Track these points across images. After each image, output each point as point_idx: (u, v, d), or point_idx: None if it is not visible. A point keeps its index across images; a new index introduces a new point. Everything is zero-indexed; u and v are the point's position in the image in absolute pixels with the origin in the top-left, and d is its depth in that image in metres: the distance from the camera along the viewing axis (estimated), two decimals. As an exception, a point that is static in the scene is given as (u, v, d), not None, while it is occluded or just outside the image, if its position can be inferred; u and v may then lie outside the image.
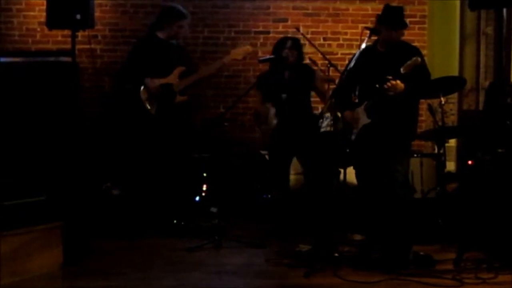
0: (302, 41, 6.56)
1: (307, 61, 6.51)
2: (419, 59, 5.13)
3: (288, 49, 6.29)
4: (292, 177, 6.70)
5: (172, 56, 6.47)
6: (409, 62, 5.12)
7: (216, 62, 6.67)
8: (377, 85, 5.21)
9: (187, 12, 6.60)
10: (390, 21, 5.34)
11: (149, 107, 6.36)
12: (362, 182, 5.57)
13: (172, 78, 6.41)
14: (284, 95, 6.18)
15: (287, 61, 6.29)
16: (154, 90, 6.32)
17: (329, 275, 5.00)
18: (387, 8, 5.46)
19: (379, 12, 5.48)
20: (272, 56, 6.32)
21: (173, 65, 6.44)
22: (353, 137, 5.54)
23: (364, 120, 5.43)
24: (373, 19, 7.77)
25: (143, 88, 6.34)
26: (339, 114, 6.33)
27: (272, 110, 6.32)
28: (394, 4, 7.79)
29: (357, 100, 5.50)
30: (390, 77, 5.15)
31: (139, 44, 6.59)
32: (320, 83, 6.35)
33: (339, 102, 5.67)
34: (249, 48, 6.58)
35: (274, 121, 6.30)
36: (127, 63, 6.56)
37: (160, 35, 6.48)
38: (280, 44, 6.36)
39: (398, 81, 5.15)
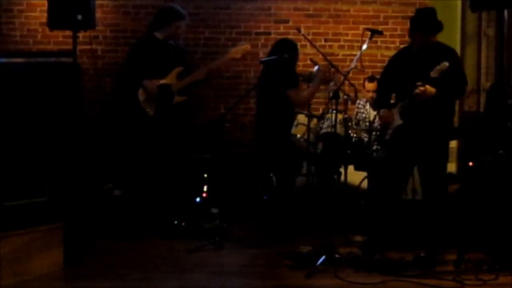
0: (303, 42, 6.57)
1: (307, 62, 6.52)
2: (447, 64, 5.15)
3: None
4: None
5: (170, 56, 6.47)
6: (437, 67, 5.16)
7: (214, 61, 6.68)
8: (410, 88, 5.23)
9: (185, 12, 6.59)
10: (421, 26, 5.36)
11: (147, 109, 6.35)
12: (383, 183, 5.58)
13: (171, 79, 6.41)
14: None
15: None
16: (152, 91, 6.32)
17: (330, 276, 5.01)
18: (418, 12, 5.50)
19: (380, 13, 5.51)
20: (273, 57, 6.31)
21: (171, 65, 6.44)
22: (387, 137, 5.58)
23: (398, 121, 5.46)
24: (374, 20, 7.88)
25: (141, 90, 6.34)
26: (340, 116, 6.36)
27: None
28: (396, 5, 7.91)
29: (393, 101, 5.56)
30: (419, 83, 5.18)
31: (137, 45, 6.59)
32: None
33: (378, 102, 5.75)
34: (247, 46, 6.58)
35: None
36: (127, 64, 6.56)
37: (158, 35, 6.47)
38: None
39: (428, 86, 5.19)
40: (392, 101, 5.64)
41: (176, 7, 6.59)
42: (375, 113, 6.84)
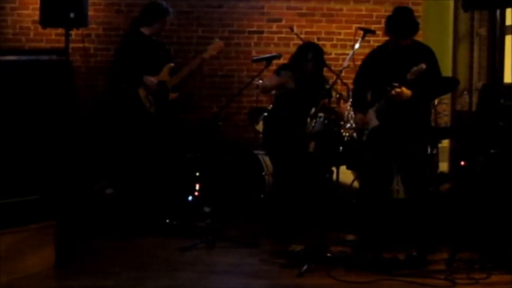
0: (296, 41, 6.57)
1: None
2: (424, 66, 5.11)
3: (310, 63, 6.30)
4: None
5: (159, 53, 6.46)
6: (414, 69, 5.10)
7: (195, 59, 6.65)
8: (386, 88, 5.21)
9: (171, 9, 6.57)
10: (393, 29, 5.32)
11: (148, 106, 6.34)
12: (370, 183, 5.58)
13: (164, 75, 6.40)
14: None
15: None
16: (153, 88, 6.31)
17: (322, 275, 5.01)
18: (395, 12, 5.41)
19: (373, 13, 5.50)
20: (266, 56, 6.31)
21: (161, 62, 6.42)
22: (364, 138, 5.57)
23: (374, 122, 5.44)
24: (367, 19, 7.89)
25: (142, 87, 6.32)
26: (332, 116, 6.36)
27: None
28: (388, 4, 7.90)
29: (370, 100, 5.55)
30: (396, 84, 5.15)
31: (126, 41, 6.56)
32: None
33: (353, 102, 5.73)
34: (221, 43, 6.59)
35: None
36: (118, 61, 6.54)
37: (145, 31, 6.45)
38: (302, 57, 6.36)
39: (404, 88, 5.16)
40: (368, 100, 5.61)
41: (162, 3, 6.55)
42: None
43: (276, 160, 6.52)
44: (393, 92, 5.14)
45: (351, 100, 5.96)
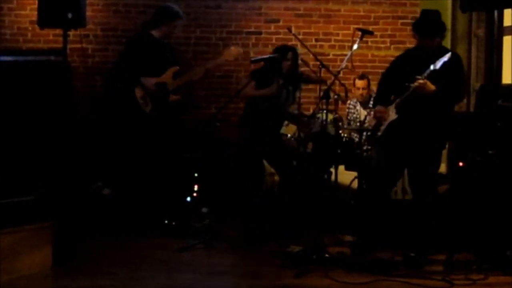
0: (294, 42, 6.58)
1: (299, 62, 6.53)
2: (449, 54, 5.14)
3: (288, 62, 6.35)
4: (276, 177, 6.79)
5: (165, 55, 6.49)
6: (439, 59, 5.13)
7: (210, 62, 6.70)
8: (407, 84, 5.23)
9: (182, 12, 6.60)
10: (418, 29, 5.36)
11: (144, 106, 6.35)
12: (373, 184, 5.59)
13: (166, 77, 6.41)
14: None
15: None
16: (150, 89, 6.31)
17: (321, 276, 5.01)
18: (422, 14, 5.49)
19: (371, 14, 5.50)
20: (264, 57, 6.32)
21: (166, 64, 6.45)
22: (379, 133, 5.57)
23: (392, 116, 5.45)
24: (365, 20, 7.90)
25: (139, 87, 6.33)
26: (330, 116, 6.37)
27: None
28: (386, 6, 7.92)
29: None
30: (420, 77, 5.16)
31: (134, 42, 6.58)
32: None
33: (376, 98, 5.75)
34: (240, 50, 6.60)
35: None
36: (122, 61, 6.57)
37: (155, 33, 6.48)
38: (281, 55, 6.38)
39: (428, 82, 5.16)
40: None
41: (174, 7, 6.61)
42: (365, 113, 6.85)
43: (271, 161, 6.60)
44: (417, 83, 5.15)
45: (374, 98, 6.00)
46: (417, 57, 5.38)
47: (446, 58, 5.12)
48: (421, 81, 5.15)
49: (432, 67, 5.14)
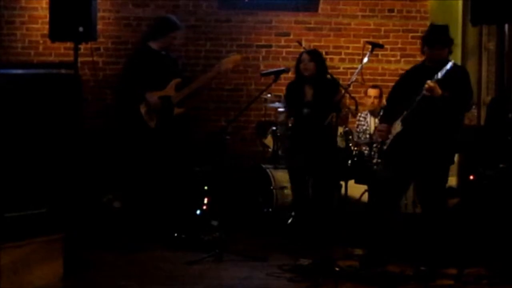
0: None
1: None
2: (451, 62, 5.18)
3: (304, 63, 6.25)
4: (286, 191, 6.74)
5: (166, 67, 6.46)
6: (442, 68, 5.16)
7: (208, 73, 6.68)
8: (414, 97, 5.25)
9: (180, 22, 6.60)
10: (428, 40, 5.38)
11: (148, 121, 6.35)
12: (381, 197, 5.57)
13: (170, 90, 6.41)
14: (305, 110, 6.19)
15: (304, 75, 6.26)
16: (155, 105, 6.31)
17: (330, 290, 5.00)
18: (430, 27, 5.52)
19: (381, 27, 5.51)
20: (274, 70, 6.33)
21: (168, 76, 6.44)
22: (384, 147, 5.56)
23: (397, 128, 5.44)
24: (375, 33, 7.91)
25: (143, 103, 6.33)
26: (340, 129, 6.36)
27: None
28: (396, 19, 7.93)
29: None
30: (429, 81, 5.16)
31: (134, 56, 6.58)
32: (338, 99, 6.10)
33: (382, 114, 5.75)
34: (238, 57, 6.61)
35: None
36: (125, 75, 6.57)
37: (153, 45, 6.46)
38: (298, 59, 6.34)
39: (437, 85, 5.16)
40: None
41: (172, 18, 6.59)
42: (376, 123, 6.84)
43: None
44: (426, 85, 5.14)
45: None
46: (425, 71, 5.38)
47: (448, 66, 5.14)
48: (431, 83, 5.15)
49: (435, 76, 5.16)
